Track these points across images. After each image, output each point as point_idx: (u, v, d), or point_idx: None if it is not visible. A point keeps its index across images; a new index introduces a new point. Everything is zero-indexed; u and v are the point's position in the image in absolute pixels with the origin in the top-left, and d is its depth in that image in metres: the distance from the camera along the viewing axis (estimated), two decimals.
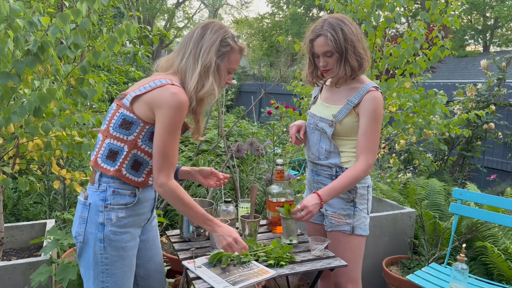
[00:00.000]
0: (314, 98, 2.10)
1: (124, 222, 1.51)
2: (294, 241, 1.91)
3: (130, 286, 1.58)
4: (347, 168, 1.88)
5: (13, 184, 2.72)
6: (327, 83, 2.02)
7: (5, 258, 2.51)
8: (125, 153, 1.49)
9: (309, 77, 1.99)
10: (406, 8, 3.11)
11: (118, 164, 1.50)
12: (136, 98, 1.48)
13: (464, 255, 2.22)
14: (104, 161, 1.52)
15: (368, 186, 1.96)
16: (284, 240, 1.91)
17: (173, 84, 1.46)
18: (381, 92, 1.91)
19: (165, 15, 25.91)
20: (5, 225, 2.61)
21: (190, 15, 27.69)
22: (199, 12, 30.40)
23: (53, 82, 2.18)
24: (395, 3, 2.91)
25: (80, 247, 1.54)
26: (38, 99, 1.95)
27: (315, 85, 2.03)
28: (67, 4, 2.39)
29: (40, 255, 2.24)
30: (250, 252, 1.76)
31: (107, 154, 1.51)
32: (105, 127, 1.53)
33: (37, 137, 2.31)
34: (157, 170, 1.48)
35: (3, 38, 1.90)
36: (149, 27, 4.14)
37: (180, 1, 26.38)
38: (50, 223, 2.71)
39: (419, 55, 3.02)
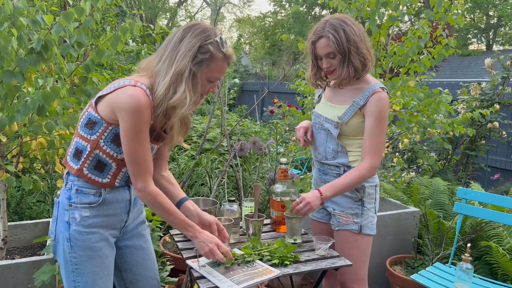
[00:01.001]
0: (318, 97, 2.08)
1: (89, 222, 1.47)
2: (298, 241, 1.90)
3: (106, 287, 1.54)
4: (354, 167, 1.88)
5: (16, 183, 2.72)
6: (331, 83, 2.00)
7: (8, 256, 2.51)
8: (87, 152, 1.46)
9: (312, 79, 1.97)
10: (410, 7, 3.09)
11: (80, 163, 1.47)
12: (100, 98, 1.45)
13: (469, 255, 2.21)
14: (71, 159, 1.50)
15: (376, 185, 1.94)
16: (288, 239, 1.90)
17: (134, 86, 1.39)
18: (387, 92, 1.89)
19: (167, 14, 25.91)
20: (9, 223, 2.61)
21: (192, 14, 27.68)
22: (201, 10, 30.42)
23: (56, 81, 2.18)
24: (399, 2, 2.90)
25: (53, 245, 1.53)
26: (42, 98, 1.95)
27: (319, 87, 2.02)
28: (70, 2, 2.38)
29: (43, 254, 2.24)
30: (254, 251, 1.75)
31: (74, 152, 1.50)
32: (76, 126, 1.52)
33: (40, 136, 2.31)
34: (133, 177, 1.45)
35: (6, 36, 1.90)
36: (152, 26, 4.14)
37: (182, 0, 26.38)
38: None
39: (423, 54, 3.01)
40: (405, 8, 3.00)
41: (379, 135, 1.82)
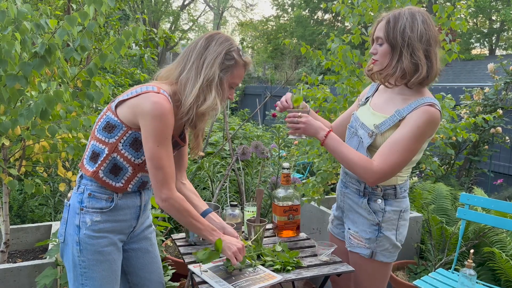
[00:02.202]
0: (366, 99, 1.83)
1: (99, 226, 1.47)
2: (303, 137, 1.73)
3: None
4: (377, 186, 1.69)
5: (19, 186, 2.72)
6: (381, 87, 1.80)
7: (10, 260, 2.51)
8: (104, 155, 1.46)
9: (367, 68, 1.75)
10: None
11: (97, 165, 1.47)
12: (121, 102, 1.47)
13: (472, 261, 2.19)
14: (88, 162, 1.51)
15: (401, 211, 1.71)
16: (290, 136, 1.73)
17: (157, 93, 1.41)
18: (440, 112, 1.61)
19: (170, 18, 26.01)
20: (11, 227, 2.61)
21: (195, 18, 27.78)
22: (204, 14, 30.52)
23: (60, 85, 2.19)
24: (402, 7, 2.90)
25: (61, 248, 1.54)
26: (45, 102, 1.96)
27: (372, 80, 1.78)
28: (74, 6, 2.39)
29: (45, 258, 2.24)
30: (256, 255, 1.75)
31: (90, 155, 1.51)
32: (93, 129, 1.54)
33: (43, 139, 2.31)
34: (158, 184, 1.44)
35: (10, 40, 1.91)
36: (155, 30, 4.15)
37: (185, 3, 26.47)
38: (56, 225, 2.71)
39: None
40: None
41: (400, 147, 1.56)
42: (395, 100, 1.68)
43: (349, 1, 3.13)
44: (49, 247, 2.27)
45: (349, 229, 1.80)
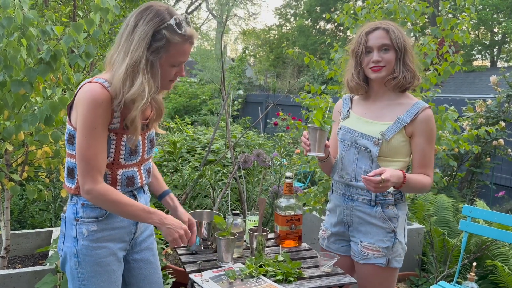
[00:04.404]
0: (347, 111, 1.87)
1: (97, 236, 1.42)
2: (321, 154, 1.70)
3: None
4: (388, 192, 1.72)
5: (20, 191, 2.72)
6: (357, 97, 1.87)
7: (10, 265, 2.50)
8: (74, 164, 1.41)
9: (354, 80, 1.77)
10: (416, 23, 3.10)
11: (76, 181, 1.42)
12: (70, 109, 1.41)
13: (474, 274, 2.18)
14: (67, 180, 1.46)
15: (407, 214, 1.82)
16: (310, 153, 1.69)
17: (90, 82, 1.33)
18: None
19: None
20: (11, 232, 2.60)
21: (198, 26, 27.94)
22: (207, 22, 30.71)
23: (64, 91, 2.19)
24: (406, 19, 2.91)
25: (61, 262, 1.49)
26: (50, 108, 1.96)
27: (358, 92, 1.81)
28: (80, 13, 2.41)
29: (45, 264, 2.23)
30: (257, 266, 1.74)
31: (67, 172, 1.46)
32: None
33: (46, 145, 2.31)
34: (81, 176, 1.35)
35: (16, 46, 1.92)
36: None
37: (188, 11, 26.64)
38: (56, 231, 2.70)
39: (429, 70, 3.01)
40: (411, 24, 3.02)
41: (431, 153, 1.73)
42: (387, 106, 1.76)
43: (353, 12, 3.15)
44: (49, 254, 2.26)
45: (361, 241, 1.78)
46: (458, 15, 3.05)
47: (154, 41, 1.32)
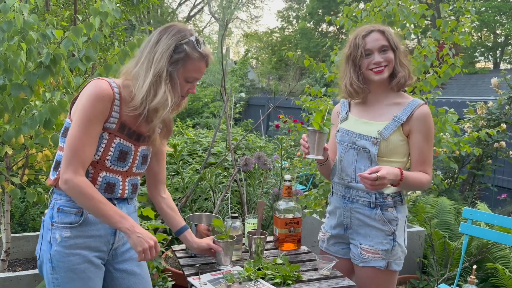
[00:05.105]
0: (346, 114, 1.89)
1: (70, 242, 1.40)
2: (319, 157, 1.70)
3: None
4: (388, 195, 1.73)
5: (21, 194, 2.73)
6: (356, 100, 1.85)
7: (10, 268, 2.51)
8: (60, 157, 1.41)
9: (355, 84, 1.75)
10: (416, 25, 3.10)
11: (57, 173, 1.42)
12: (73, 104, 1.45)
13: (474, 277, 2.17)
14: (52, 172, 1.46)
15: (406, 216, 1.82)
16: (310, 155, 1.69)
17: (99, 79, 1.40)
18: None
19: None
20: (12, 235, 2.61)
21: (201, 29, 28.02)
22: (209, 25, 30.79)
23: (64, 94, 2.20)
24: (405, 21, 2.92)
25: (39, 265, 1.48)
26: (49, 111, 1.97)
27: (356, 96, 1.81)
28: (80, 17, 2.42)
29: None
30: (256, 269, 1.74)
31: (54, 165, 1.46)
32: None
33: (46, 148, 2.32)
34: (64, 165, 1.36)
35: (16, 50, 1.93)
36: None
37: (191, 14, 26.74)
38: None
39: (429, 73, 3.01)
40: (411, 26, 3.01)
41: (430, 152, 1.73)
42: (384, 106, 1.78)
43: (353, 15, 3.16)
44: None
45: (360, 244, 1.78)
46: (459, 17, 3.05)
47: (175, 53, 1.41)
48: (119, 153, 1.45)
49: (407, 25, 2.96)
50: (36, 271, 2.18)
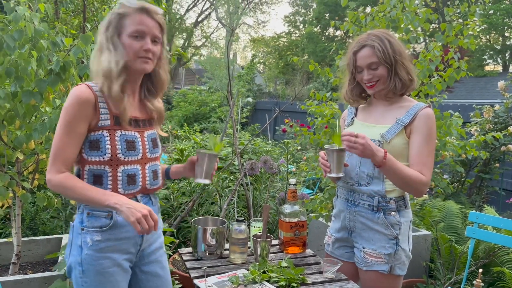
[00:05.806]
0: (351, 119, 1.93)
1: (100, 246, 1.44)
2: (341, 175, 1.66)
3: None
4: (391, 199, 1.73)
5: (31, 199, 2.78)
6: (362, 105, 1.90)
7: (21, 271, 2.55)
8: (81, 172, 1.46)
9: (348, 95, 1.84)
10: (422, 30, 3.11)
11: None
12: None
13: (481, 281, 2.17)
14: None
15: (410, 221, 1.80)
16: (331, 174, 1.64)
17: (80, 84, 1.46)
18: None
19: (184, 34, 26.43)
20: (22, 239, 2.66)
21: (208, 34, 28.18)
22: (216, 31, 30.94)
23: None
24: (410, 26, 2.93)
25: (67, 270, 1.51)
26: (59, 117, 2.01)
27: (355, 104, 1.90)
28: (89, 25, 2.47)
29: (55, 270, 2.28)
30: (261, 272, 1.76)
31: (76, 173, 1.51)
32: None
33: None
34: (48, 166, 1.43)
35: (27, 58, 1.98)
36: (167, 47, 4.23)
37: (198, 20, 26.91)
38: (66, 238, 2.76)
39: (434, 77, 3.01)
40: (419, 29, 3.03)
41: (430, 153, 1.69)
42: (388, 110, 1.79)
43: (357, 21, 3.18)
44: (59, 260, 2.31)
45: (363, 247, 1.79)
46: (465, 22, 3.06)
47: (110, 23, 1.45)
48: (126, 144, 1.47)
49: (412, 29, 2.98)
50: (46, 274, 2.22)
